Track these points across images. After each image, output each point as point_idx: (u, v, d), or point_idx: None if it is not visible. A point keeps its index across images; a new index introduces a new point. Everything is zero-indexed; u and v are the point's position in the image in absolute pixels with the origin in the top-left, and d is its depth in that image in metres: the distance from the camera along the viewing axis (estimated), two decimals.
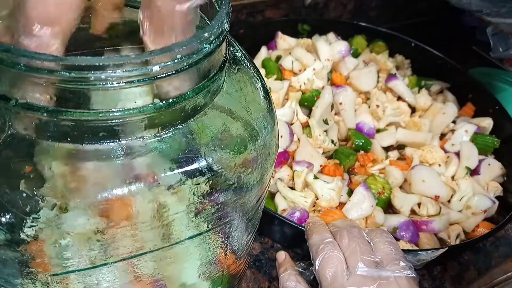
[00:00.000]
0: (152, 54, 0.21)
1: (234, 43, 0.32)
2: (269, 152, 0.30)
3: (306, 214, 0.55)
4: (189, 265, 0.32)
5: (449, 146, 0.68)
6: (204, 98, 0.26)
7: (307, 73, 0.70)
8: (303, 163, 0.59)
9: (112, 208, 0.24)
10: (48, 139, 0.23)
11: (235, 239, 0.33)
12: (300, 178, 0.58)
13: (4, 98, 0.21)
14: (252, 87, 0.30)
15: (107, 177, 0.24)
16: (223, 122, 0.27)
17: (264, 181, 0.31)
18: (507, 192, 0.63)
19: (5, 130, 0.23)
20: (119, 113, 0.22)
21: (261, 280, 0.53)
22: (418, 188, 0.60)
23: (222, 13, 0.25)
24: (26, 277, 0.26)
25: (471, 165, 0.65)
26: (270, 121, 0.30)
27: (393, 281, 0.38)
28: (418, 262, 0.49)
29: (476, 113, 0.75)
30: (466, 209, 0.59)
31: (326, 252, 0.41)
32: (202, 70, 0.24)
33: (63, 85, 0.20)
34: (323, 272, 0.40)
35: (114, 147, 0.23)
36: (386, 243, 0.42)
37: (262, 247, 0.56)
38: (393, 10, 1.05)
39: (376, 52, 0.81)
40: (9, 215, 0.23)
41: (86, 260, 0.26)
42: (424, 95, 0.75)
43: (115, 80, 0.20)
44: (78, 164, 0.23)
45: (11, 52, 0.20)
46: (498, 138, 0.68)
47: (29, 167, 0.23)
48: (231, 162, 0.27)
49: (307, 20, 0.84)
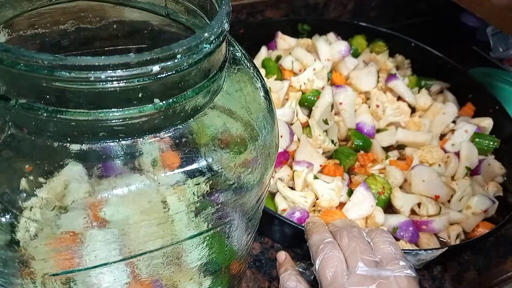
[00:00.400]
0: (152, 54, 0.21)
1: (234, 43, 0.32)
2: (269, 152, 0.30)
3: (306, 214, 0.55)
4: (189, 265, 0.32)
5: (449, 146, 0.68)
6: (204, 98, 0.26)
7: (307, 73, 0.70)
8: (303, 163, 0.59)
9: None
10: (48, 139, 0.23)
11: (235, 239, 0.33)
12: (300, 178, 0.58)
13: (4, 98, 0.21)
14: (252, 87, 0.30)
15: (107, 177, 0.24)
16: (223, 122, 0.27)
17: (264, 181, 0.31)
18: (507, 192, 0.63)
19: (5, 130, 0.23)
20: (119, 113, 0.22)
21: (261, 280, 0.53)
22: (418, 188, 0.60)
23: (222, 13, 0.25)
24: (26, 277, 0.26)
25: (471, 165, 0.65)
26: (270, 121, 0.30)
27: (393, 281, 0.38)
28: (418, 262, 0.49)
29: (476, 113, 0.75)
30: (466, 209, 0.59)
31: (326, 252, 0.41)
32: (202, 70, 0.24)
33: (63, 85, 0.20)
34: (323, 272, 0.40)
35: (114, 147, 0.23)
36: (386, 242, 0.42)
37: (262, 247, 0.56)
38: (393, 10, 1.05)
39: (376, 52, 0.81)
40: (9, 215, 0.23)
41: (86, 260, 0.26)
42: (424, 95, 0.75)
43: (115, 80, 0.20)
44: (78, 164, 0.23)
45: (11, 52, 0.20)
46: (498, 138, 0.68)
47: (29, 167, 0.23)
48: (231, 162, 0.27)
49: (307, 20, 0.84)
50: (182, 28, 0.31)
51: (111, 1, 0.32)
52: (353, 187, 0.58)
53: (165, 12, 0.31)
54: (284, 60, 0.73)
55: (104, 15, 0.32)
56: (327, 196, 0.56)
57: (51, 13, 0.30)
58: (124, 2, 0.32)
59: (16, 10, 0.28)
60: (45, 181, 0.23)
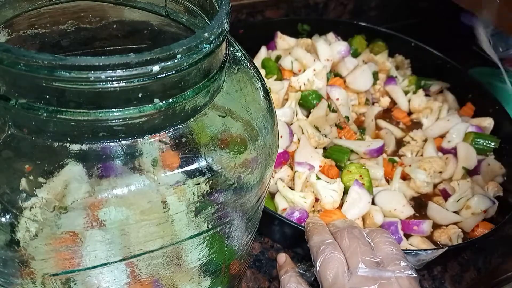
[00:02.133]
0: (152, 54, 0.21)
1: (234, 43, 0.32)
2: (269, 152, 0.30)
3: (305, 214, 0.55)
4: (189, 265, 0.32)
5: (446, 143, 0.68)
6: (204, 98, 0.26)
7: (307, 73, 0.70)
8: (305, 164, 0.59)
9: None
10: (48, 139, 0.23)
11: (235, 239, 0.33)
12: (301, 179, 0.58)
13: (4, 98, 0.21)
14: (252, 87, 0.30)
15: (107, 177, 0.24)
16: (223, 122, 0.27)
17: (264, 181, 0.31)
18: (507, 192, 0.62)
19: (5, 130, 0.23)
20: (119, 113, 0.22)
21: (261, 280, 0.53)
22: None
23: (222, 13, 0.25)
24: (26, 277, 0.26)
25: (469, 166, 0.65)
26: (270, 121, 0.30)
27: (394, 281, 0.38)
28: (418, 262, 0.49)
29: (476, 113, 0.75)
30: (465, 209, 0.59)
31: (327, 254, 0.41)
32: (202, 70, 0.24)
33: (63, 85, 0.20)
34: (324, 273, 0.40)
35: (114, 147, 0.23)
36: (386, 243, 0.42)
37: (262, 247, 0.56)
38: (393, 10, 1.05)
39: (376, 52, 0.82)
40: (9, 215, 0.23)
41: (86, 260, 0.26)
42: (420, 97, 0.75)
43: (115, 80, 0.20)
44: (78, 164, 0.23)
45: (11, 52, 0.20)
46: (498, 138, 0.68)
47: (29, 167, 0.23)
48: (231, 162, 0.27)
49: (307, 20, 0.84)
50: (182, 28, 0.31)
51: (111, 1, 0.32)
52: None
53: (165, 12, 0.31)
54: (284, 60, 0.73)
55: (104, 15, 0.32)
56: (330, 198, 0.56)
57: (51, 13, 0.30)
58: (124, 2, 0.32)
59: (16, 10, 0.28)
60: (45, 181, 0.23)
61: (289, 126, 0.63)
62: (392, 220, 0.57)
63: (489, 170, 0.65)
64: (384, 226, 0.56)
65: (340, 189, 0.56)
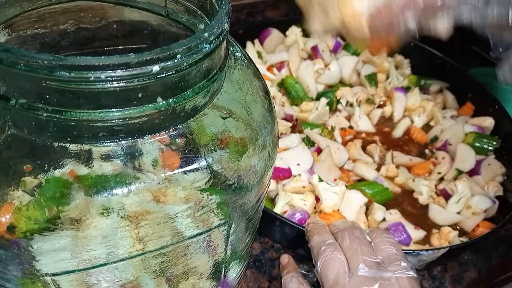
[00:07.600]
0: (152, 54, 0.21)
1: (234, 43, 0.32)
2: (269, 152, 0.30)
3: (306, 215, 0.55)
4: (189, 265, 0.32)
5: (439, 143, 0.69)
6: (204, 98, 0.26)
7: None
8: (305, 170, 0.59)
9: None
10: (48, 139, 0.23)
11: (235, 239, 0.33)
12: (299, 182, 0.58)
13: (4, 98, 0.21)
14: (252, 87, 0.30)
15: (107, 177, 0.24)
16: (223, 122, 0.27)
17: (264, 181, 0.31)
18: (507, 192, 0.62)
19: (5, 130, 0.23)
20: (119, 113, 0.22)
21: (261, 280, 0.53)
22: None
23: (222, 13, 0.25)
24: (26, 277, 0.26)
25: (465, 167, 0.65)
26: (270, 121, 0.30)
27: (395, 282, 0.38)
28: (419, 262, 0.49)
29: (475, 112, 0.75)
30: (466, 209, 0.59)
31: (328, 254, 0.41)
32: (202, 70, 0.24)
33: (63, 85, 0.20)
34: (325, 274, 0.40)
35: (114, 147, 0.23)
36: (387, 243, 0.42)
37: (262, 247, 0.56)
38: None
39: None
40: (9, 215, 0.23)
41: (86, 260, 0.26)
42: (415, 95, 0.75)
43: (115, 80, 0.20)
44: (78, 164, 0.23)
45: (11, 52, 0.20)
46: (498, 138, 0.68)
47: (29, 167, 0.23)
48: (231, 162, 0.27)
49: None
50: (182, 28, 0.31)
51: (111, 1, 0.32)
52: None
53: (165, 12, 0.31)
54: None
55: (104, 15, 0.32)
56: (331, 200, 0.55)
57: (51, 13, 0.30)
58: (124, 2, 0.32)
59: (16, 10, 0.28)
60: (45, 181, 0.23)
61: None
62: (396, 222, 0.57)
63: (490, 170, 0.65)
64: (390, 228, 0.56)
65: (342, 192, 0.56)
